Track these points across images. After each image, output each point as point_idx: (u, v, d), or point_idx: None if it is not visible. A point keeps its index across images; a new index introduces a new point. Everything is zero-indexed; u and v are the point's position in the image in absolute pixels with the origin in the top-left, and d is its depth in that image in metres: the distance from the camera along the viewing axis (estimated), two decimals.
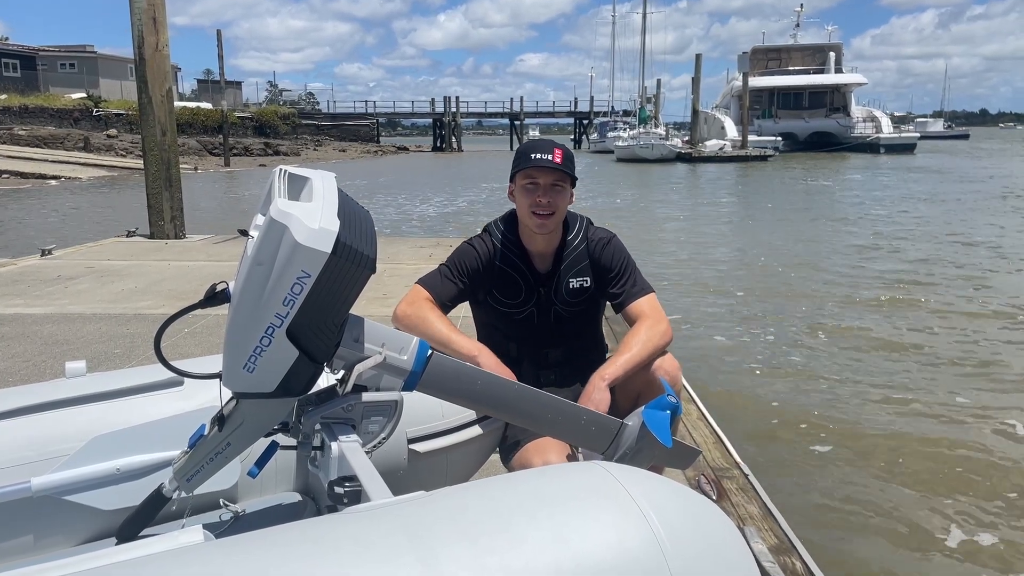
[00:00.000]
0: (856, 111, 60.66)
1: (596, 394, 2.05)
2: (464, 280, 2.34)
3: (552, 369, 2.39)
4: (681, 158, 47.28)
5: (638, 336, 2.19)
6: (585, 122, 76.07)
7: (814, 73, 62.92)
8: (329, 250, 1.25)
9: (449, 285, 2.33)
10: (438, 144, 72.24)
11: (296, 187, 1.36)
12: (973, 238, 14.18)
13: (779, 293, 9.74)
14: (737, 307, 9.10)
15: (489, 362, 2.13)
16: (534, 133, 71.81)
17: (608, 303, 2.46)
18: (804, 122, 59.93)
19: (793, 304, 9.09)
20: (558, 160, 2.23)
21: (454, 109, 70.84)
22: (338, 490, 1.37)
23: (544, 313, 2.37)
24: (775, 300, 9.33)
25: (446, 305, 2.32)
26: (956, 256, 12.32)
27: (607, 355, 2.41)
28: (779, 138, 53.35)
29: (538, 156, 2.24)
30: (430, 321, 2.21)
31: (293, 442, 1.55)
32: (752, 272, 11.37)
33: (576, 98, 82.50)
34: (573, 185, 2.31)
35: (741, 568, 1.15)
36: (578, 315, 2.40)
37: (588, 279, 2.36)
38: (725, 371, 6.56)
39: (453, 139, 70.46)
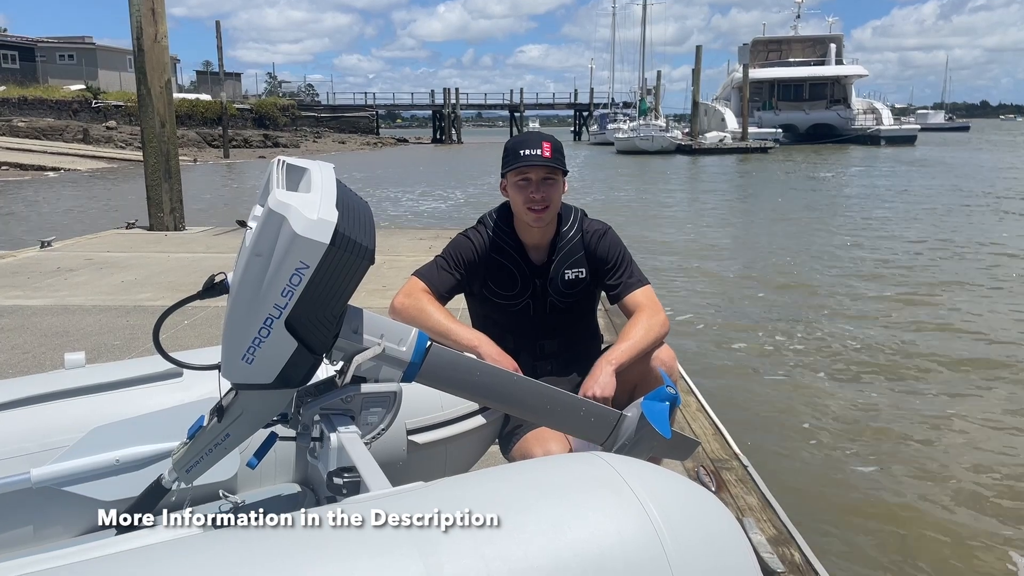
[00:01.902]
0: (857, 103, 60.43)
1: (603, 377, 2.05)
2: (461, 271, 2.34)
3: (548, 360, 2.39)
4: (681, 150, 47.19)
5: (639, 325, 2.20)
6: (585, 114, 75.91)
7: (815, 65, 62.60)
8: (327, 241, 1.25)
9: (446, 276, 2.33)
10: (438, 136, 72.05)
11: (294, 178, 1.35)
12: (983, 238, 13.56)
13: (781, 288, 9.74)
14: (738, 301, 9.10)
15: (490, 351, 2.12)
16: (534, 125, 71.68)
17: (604, 294, 2.46)
18: (804, 114, 59.75)
19: (795, 299, 9.09)
20: (547, 154, 2.22)
21: (454, 101, 70.60)
22: (337, 481, 1.37)
23: (540, 304, 2.37)
24: (777, 294, 9.33)
25: (443, 296, 2.31)
26: (963, 254, 12.05)
27: (603, 346, 2.41)
28: (779, 130, 53.16)
29: (527, 152, 2.23)
30: (429, 312, 2.20)
31: (292, 433, 1.55)
32: (754, 267, 11.36)
33: (576, 90, 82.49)
34: (565, 176, 2.31)
35: (739, 558, 1.15)
36: (574, 306, 2.40)
37: (583, 270, 2.36)
38: (725, 363, 6.56)
39: (453, 131, 70.27)
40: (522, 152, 2.24)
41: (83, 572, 1.00)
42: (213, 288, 1.42)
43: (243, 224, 1.72)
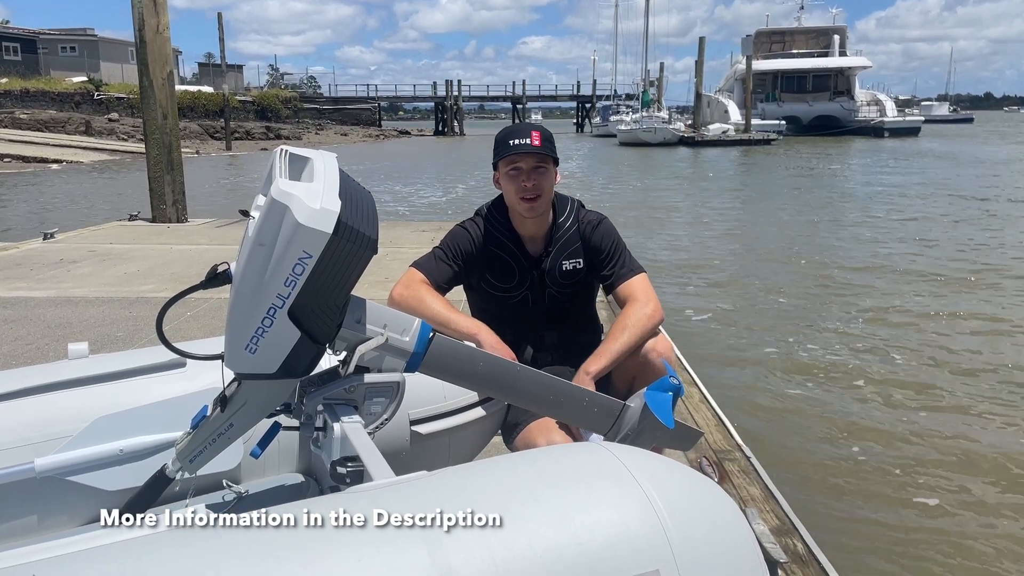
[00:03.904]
0: (860, 94, 60.21)
1: None
2: (459, 262, 2.34)
3: (548, 351, 2.39)
4: (684, 142, 47.09)
5: (625, 323, 2.19)
6: (588, 106, 75.70)
7: (818, 56, 62.38)
8: (330, 231, 1.25)
9: (444, 267, 2.33)
10: (440, 128, 71.89)
11: (297, 167, 1.35)
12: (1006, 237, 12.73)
13: (787, 282, 9.72)
14: (742, 294, 9.09)
15: (489, 339, 2.13)
16: (536, 117, 71.47)
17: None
18: (808, 106, 59.58)
19: (800, 293, 9.08)
20: (537, 143, 2.23)
21: (456, 93, 70.44)
22: (340, 470, 1.37)
23: (538, 296, 2.37)
24: (782, 289, 9.32)
25: (442, 287, 2.32)
26: (982, 251, 11.59)
27: (603, 336, 2.41)
28: (782, 122, 53.02)
29: (517, 142, 2.23)
30: (428, 302, 2.20)
31: (296, 423, 1.55)
32: (759, 261, 11.34)
33: (579, 81, 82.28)
34: (556, 165, 2.30)
35: (743, 547, 1.15)
36: (572, 297, 2.40)
37: (580, 261, 2.36)
38: (728, 354, 6.56)
39: (455, 123, 70.13)
40: (512, 142, 2.24)
41: (87, 561, 1.00)
42: (216, 278, 1.41)
43: (246, 214, 1.73)
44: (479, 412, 2.09)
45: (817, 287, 9.15)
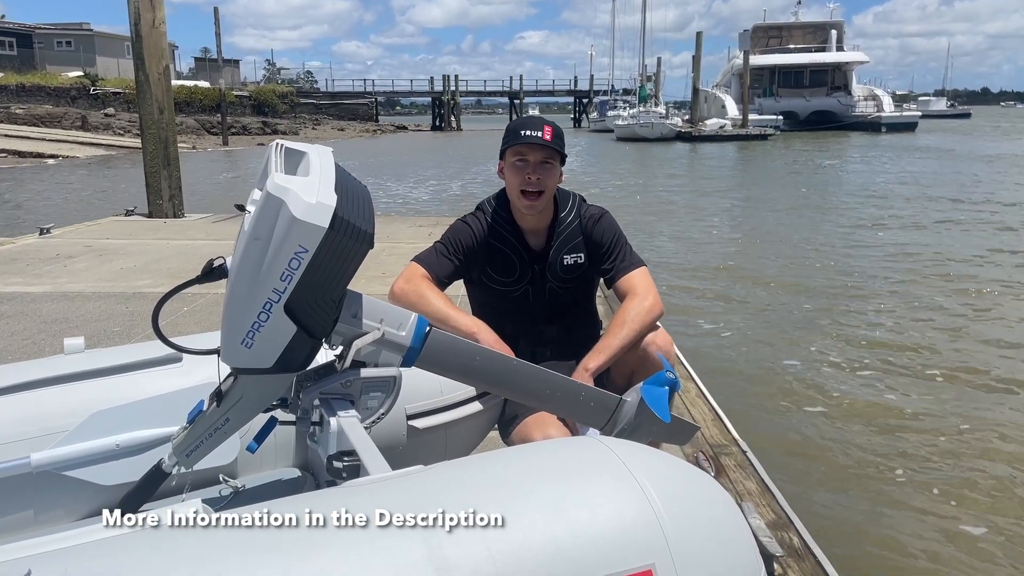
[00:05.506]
0: (857, 90, 60.19)
1: None
2: (460, 257, 2.34)
3: (548, 346, 2.39)
4: (681, 137, 47.03)
5: (624, 317, 2.19)
6: (585, 101, 75.67)
7: (815, 51, 62.33)
8: (326, 225, 1.25)
9: (445, 262, 2.33)
10: (437, 123, 71.82)
11: (293, 161, 1.35)
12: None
13: (783, 277, 9.73)
14: (738, 289, 9.10)
15: (488, 339, 2.12)
16: (534, 112, 71.32)
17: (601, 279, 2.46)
18: (805, 101, 59.53)
19: (797, 288, 9.08)
20: (547, 137, 2.23)
21: (453, 88, 70.36)
22: (337, 464, 1.37)
23: (539, 290, 2.37)
24: (779, 283, 9.32)
25: (443, 282, 2.32)
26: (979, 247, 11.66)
27: (601, 331, 2.41)
28: (780, 117, 52.93)
29: (527, 133, 2.23)
30: (428, 298, 2.20)
31: (292, 418, 1.55)
32: (757, 256, 11.34)
33: (576, 76, 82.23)
34: (563, 163, 2.31)
35: (738, 541, 1.15)
36: (573, 292, 2.40)
37: (582, 255, 2.36)
38: (725, 349, 6.57)
39: (452, 118, 70.05)
40: (523, 132, 2.24)
41: (83, 556, 1.00)
42: (212, 272, 1.41)
43: (241, 208, 1.73)
44: (476, 406, 2.10)
45: (817, 286, 9.15)
